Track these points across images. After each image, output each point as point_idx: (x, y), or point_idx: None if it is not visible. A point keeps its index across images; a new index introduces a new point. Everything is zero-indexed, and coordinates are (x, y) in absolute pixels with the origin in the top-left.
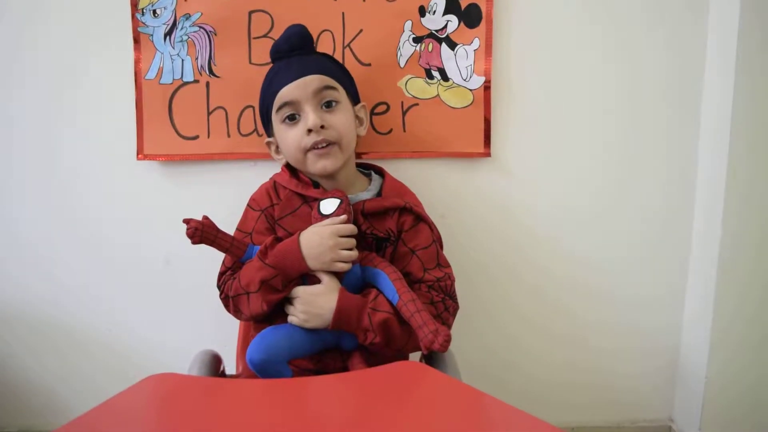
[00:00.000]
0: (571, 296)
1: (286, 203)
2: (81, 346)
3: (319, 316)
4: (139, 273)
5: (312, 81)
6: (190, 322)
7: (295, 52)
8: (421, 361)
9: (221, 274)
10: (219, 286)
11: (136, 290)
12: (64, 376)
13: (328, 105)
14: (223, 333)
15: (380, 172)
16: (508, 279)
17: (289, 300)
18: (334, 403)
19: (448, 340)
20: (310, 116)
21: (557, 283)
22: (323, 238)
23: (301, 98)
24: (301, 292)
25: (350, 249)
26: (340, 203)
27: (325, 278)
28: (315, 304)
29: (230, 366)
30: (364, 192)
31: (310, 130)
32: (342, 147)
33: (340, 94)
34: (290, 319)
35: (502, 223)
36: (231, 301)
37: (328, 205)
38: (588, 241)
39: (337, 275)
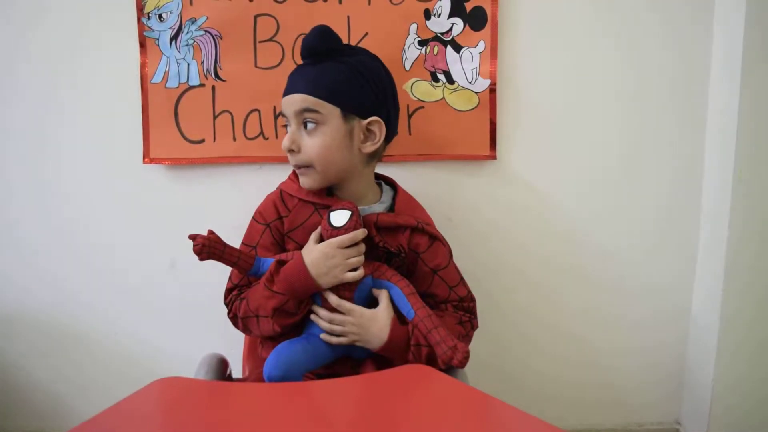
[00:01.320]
0: (578, 297)
1: (295, 215)
2: (87, 350)
3: (368, 342)
4: (145, 276)
5: (294, 102)
6: (197, 326)
7: (306, 59)
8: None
9: (228, 291)
10: (226, 304)
11: (142, 293)
12: (69, 380)
13: (306, 126)
14: (229, 336)
15: (391, 184)
16: (515, 280)
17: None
18: (342, 406)
19: (466, 357)
20: (286, 138)
21: (564, 284)
22: (328, 255)
23: (288, 114)
24: (357, 313)
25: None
26: (351, 216)
27: (384, 301)
28: (370, 330)
29: (237, 369)
30: (377, 204)
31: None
32: (317, 170)
33: (324, 115)
34: (332, 338)
35: (508, 224)
36: (240, 321)
37: (339, 217)
38: (595, 242)
39: (350, 287)
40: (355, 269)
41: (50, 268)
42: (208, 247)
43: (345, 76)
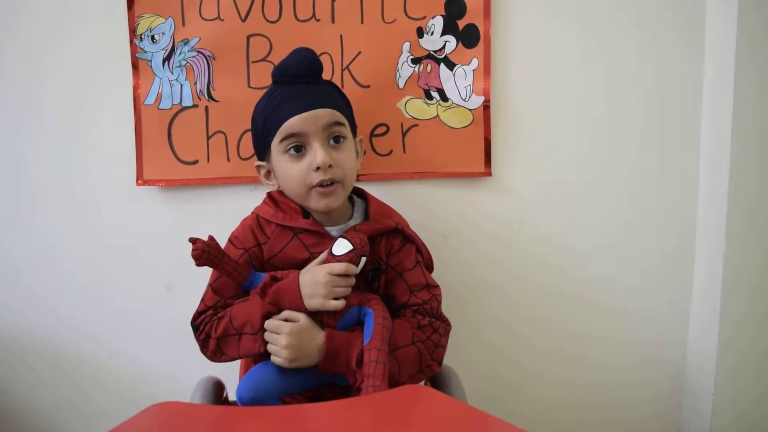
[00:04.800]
0: (575, 314)
1: (274, 241)
2: (81, 375)
3: (304, 355)
4: (140, 299)
5: (324, 115)
6: (192, 349)
7: (303, 79)
8: (425, 384)
9: (199, 313)
10: (196, 325)
11: (136, 317)
12: (63, 406)
13: (336, 141)
14: None
15: (361, 195)
16: (511, 297)
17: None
18: (341, 429)
19: None
20: (319, 153)
21: (559, 301)
22: (317, 278)
23: (309, 131)
24: (287, 327)
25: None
26: (349, 252)
27: (302, 317)
28: (302, 341)
29: (233, 393)
30: (352, 219)
31: (318, 167)
32: (345, 185)
33: (347, 129)
34: (274, 359)
35: (504, 241)
36: (214, 341)
37: (340, 247)
38: (590, 259)
39: (334, 315)
40: (338, 299)
41: (42, 291)
42: (207, 252)
43: (342, 96)
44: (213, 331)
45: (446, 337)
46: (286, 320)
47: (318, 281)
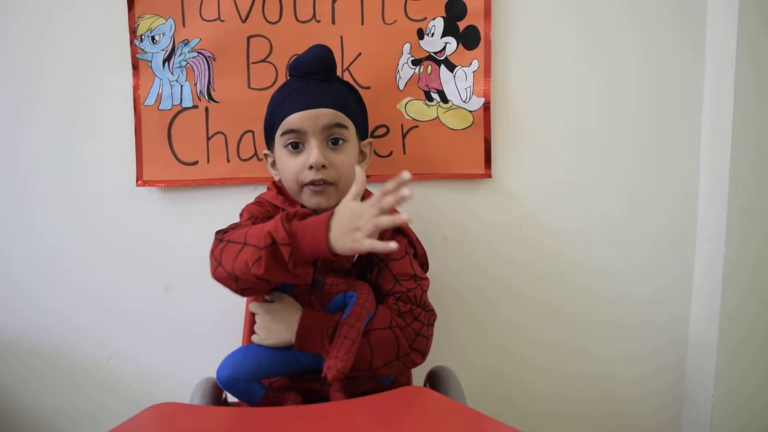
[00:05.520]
0: (575, 315)
1: None
2: (81, 375)
3: (276, 331)
4: (140, 300)
5: (324, 115)
6: (192, 350)
7: (314, 75)
8: (425, 385)
9: (237, 224)
10: (224, 230)
11: (136, 318)
12: (62, 408)
13: (335, 142)
14: None
15: None
16: (511, 299)
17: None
18: (340, 429)
19: (340, 372)
20: (314, 152)
21: (560, 302)
22: (356, 213)
23: (308, 129)
24: (261, 308)
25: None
26: None
27: (286, 297)
28: (275, 318)
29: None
30: None
31: (311, 166)
32: (339, 188)
33: (350, 131)
34: (253, 338)
35: (504, 243)
36: (223, 245)
37: None
38: (590, 260)
39: (321, 299)
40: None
41: (41, 292)
42: None
43: (354, 97)
44: (230, 235)
45: (430, 327)
46: None
47: (358, 217)
